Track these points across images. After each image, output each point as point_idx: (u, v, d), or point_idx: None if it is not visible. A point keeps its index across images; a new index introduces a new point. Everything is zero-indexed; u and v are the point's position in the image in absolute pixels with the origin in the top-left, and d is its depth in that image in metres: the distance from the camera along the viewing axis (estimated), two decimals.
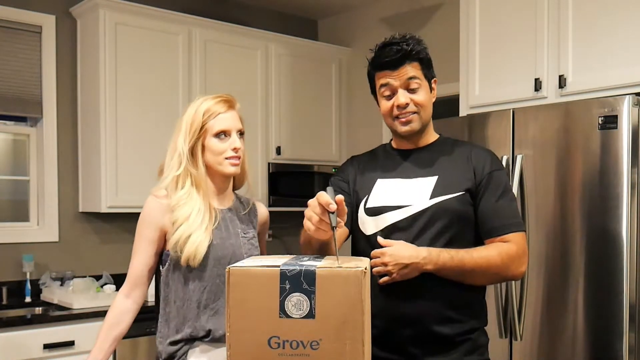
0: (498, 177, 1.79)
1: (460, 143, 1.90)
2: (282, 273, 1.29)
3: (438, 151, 1.85)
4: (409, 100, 1.77)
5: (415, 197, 1.76)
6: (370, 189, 1.83)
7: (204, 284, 1.88)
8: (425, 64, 1.80)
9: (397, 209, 1.76)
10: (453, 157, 1.83)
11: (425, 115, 1.80)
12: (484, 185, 1.77)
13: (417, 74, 1.77)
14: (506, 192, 1.79)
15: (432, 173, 1.80)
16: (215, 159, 1.93)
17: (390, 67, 1.77)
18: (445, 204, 1.74)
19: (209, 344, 1.87)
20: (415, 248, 1.68)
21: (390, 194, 1.79)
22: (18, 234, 3.65)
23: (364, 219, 1.80)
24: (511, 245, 1.73)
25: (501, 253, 1.72)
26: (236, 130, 1.94)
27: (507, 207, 1.77)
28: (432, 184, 1.77)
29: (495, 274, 1.74)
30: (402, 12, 4.33)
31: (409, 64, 1.76)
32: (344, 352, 1.28)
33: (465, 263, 1.68)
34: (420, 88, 1.78)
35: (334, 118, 4.66)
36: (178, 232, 1.85)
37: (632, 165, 2.38)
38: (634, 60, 2.59)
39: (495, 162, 1.83)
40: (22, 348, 3.04)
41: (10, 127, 3.74)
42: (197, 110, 1.93)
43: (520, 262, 1.75)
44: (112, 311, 1.92)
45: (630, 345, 2.37)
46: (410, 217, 1.74)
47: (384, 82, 1.79)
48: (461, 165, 1.80)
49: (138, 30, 3.70)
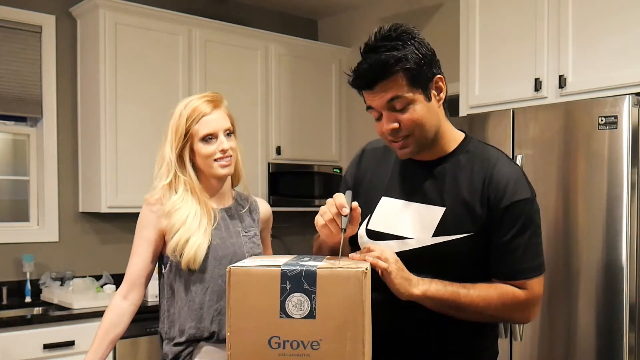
0: (518, 210, 1.50)
1: (484, 155, 1.58)
2: (282, 273, 1.29)
3: (454, 167, 1.57)
4: (396, 125, 1.48)
5: (417, 231, 1.55)
6: (374, 207, 1.63)
7: (206, 285, 1.88)
8: (414, 71, 1.46)
9: (396, 239, 1.56)
10: (469, 177, 1.55)
11: (424, 131, 1.50)
12: (497, 221, 1.51)
13: (399, 91, 1.45)
14: (526, 228, 1.51)
15: (441, 202, 1.54)
16: (205, 162, 1.92)
17: (366, 87, 1.48)
18: (449, 245, 1.52)
19: (214, 344, 1.87)
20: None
21: (393, 220, 1.59)
22: (18, 234, 3.65)
23: (364, 239, 1.62)
24: (520, 292, 1.51)
25: (503, 296, 1.50)
26: (223, 130, 1.91)
27: (522, 247, 1.51)
28: (438, 218, 1.53)
29: (492, 316, 1.53)
30: (402, 12, 4.33)
31: (388, 80, 1.44)
32: (344, 353, 1.28)
33: (460, 296, 1.47)
34: (410, 105, 1.47)
35: (334, 118, 4.65)
36: (176, 237, 1.85)
37: (632, 165, 2.38)
38: (634, 61, 2.58)
39: (518, 191, 1.51)
40: (22, 348, 3.04)
41: (10, 127, 3.73)
42: (180, 115, 1.91)
43: (529, 309, 1.54)
44: (109, 313, 1.90)
45: (630, 345, 2.37)
46: (410, 252, 1.54)
47: (368, 103, 1.51)
48: (475, 192, 1.52)
49: (138, 30, 3.70)
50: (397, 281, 1.42)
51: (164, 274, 1.94)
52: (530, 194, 1.54)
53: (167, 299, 1.93)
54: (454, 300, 1.47)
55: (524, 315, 1.56)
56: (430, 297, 1.45)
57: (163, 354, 1.91)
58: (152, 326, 3.21)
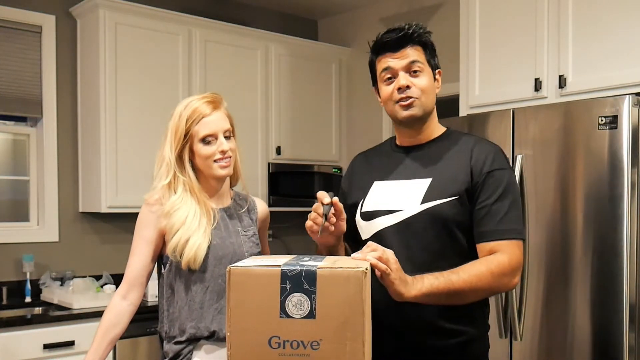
0: (499, 176, 1.65)
1: (465, 138, 1.76)
2: (282, 273, 1.29)
3: (439, 148, 1.74)
4: (411, 83, 1.67)
5: (406, 202, 1.67)
6: (366, 193, 1.76)
7: (206, 285, 1.88)
8: (430, 50, 1.72)
9: (388, 214, 1.68)
10: (452, 154, 1.71)
11: (427, 101, 1.70)
12: (480, 185, 1.64)
13: (419, 58, 1.68)
14: (506, 194, 1.64)
15: (427, 174, 1.69)
16: (204, 163, 1.92)
17: (392, 49, 1.68)
18: (436, 209, 1.64)
19: (214, 343, 1.87)
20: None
21: (384, 198, 1.72)
22: (18, 234, 3.65)
23: (360, 223, 1.75)
24: (502, 256, 1.59)
25: (491, 268, 1.57)
26: (222, 131, 1.91)
27: (504, 210, 1.63)
28: (425, 187, 1.66)
29: (486, 290, 1.59)
30: (402, 12, 4.33)
31: (411, 47, 1.68)
32: (344, 353, 1.28)
33: (453, 282, 1.52)
34: (423, 72, 1.68)
35: (334, 118, 4.66)
36: (176, 237, 1.85)
37: (632, 165, 2.38)
38: (634, 61, 2.59)
39: (498, 161, 1.68)
40: (22, 348, 3.04)
41: (10, 127, 3.74)
42: (180, 116, 1.91)
43: (512, 274, 1.60)
44: (109, 313, 1.90)
45: (630, 345, 2.37)
46: (402, 222, 1.65)
47: (384, 66, 1.70)
48: (459, 165, 1.68)
49: (138, 30, 3.70)
50: (396, 283, 1.44)
51: (164, 274, 1.94)
52: (508, 166, 1.71)
53: (166, 298, 1.93)
54: (448, 288, 1.52)
55: (511, 280, 1.61)
56: (426, 294, 1.49)
57: (163, 352, 1.91)
58: (152, 326, 3.21)
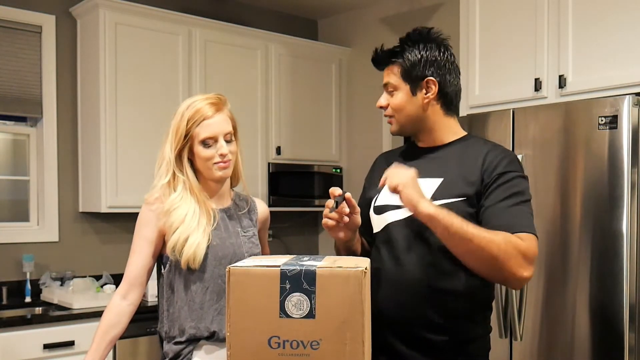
0: (510, 177, 1.65)
1: (482, 144, 1.77)
2: (282, 273, 1.29)
3: (454, 150, 1.76)
4: (385, 103, 1.79)
5: None
6: (381, 189, 1.78)
7: (205, 285, 1.88)
8: (406, 68, 1.74)
9: (397, 209, 1.72)
10: (466, 157, 1.72)
11: (401, 118, 1.76)
12: (490, 185, 1.64)
13: (391, 79, 1.76)
14: (519, 197, 1.63)
15: (439, 174, 1.72)
16: (203, 165, 1.92)
17: (377, 68, 1.82)
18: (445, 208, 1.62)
19: (214, 343, 1.87)
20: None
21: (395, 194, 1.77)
22: (18, 234, 3.65)
23: (373, 217, 1.81)
24: (520, 240, 1.57)
25: (506, 238, 1.55)
26: (223, 134, 1.91)
27: (516, 210, 1.61)
28: (435, 186, 1.70)
29: (492, 259, 1.54)
30: (402, 12, 4.33)
31: (387, 67, 1.78)
32: (344, 352, 1.28)
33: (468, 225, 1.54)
34: (397, 91, 1.75)
35: (334, 118, 4.65)
36: (175, 236, 1.85)
37: (632, 165, 2.38)
38: (634, 61, 2.59)
39: (512, 165, 1.68)
40: (22, 348, 3.04)
41: (10, 127, 3.74)
42: (182, 116, 1.90)
43: (523, 261, 1.55)
44: (109, 313, 1.89)
45: (630, 345, 2.37)
46: (408, 218, 1.68)
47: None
48: (471, 167, 1.69)
49: (138, 30, 3.70)
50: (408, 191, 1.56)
51: (164, 274, 1.94)
52: (522, 172, 1.70)
53: (166, 298, 1.93)
54: (461, 226, 1.54)
55: (519, 269, 1.56)
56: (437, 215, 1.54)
57: (164, 353, 1.91)
58: (152, 326, 3.21)
